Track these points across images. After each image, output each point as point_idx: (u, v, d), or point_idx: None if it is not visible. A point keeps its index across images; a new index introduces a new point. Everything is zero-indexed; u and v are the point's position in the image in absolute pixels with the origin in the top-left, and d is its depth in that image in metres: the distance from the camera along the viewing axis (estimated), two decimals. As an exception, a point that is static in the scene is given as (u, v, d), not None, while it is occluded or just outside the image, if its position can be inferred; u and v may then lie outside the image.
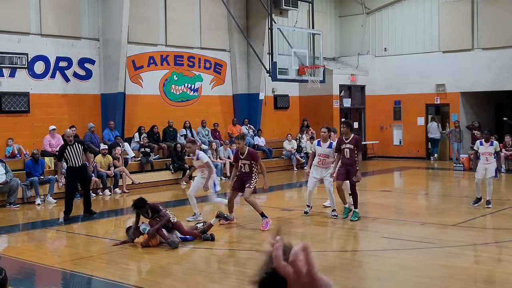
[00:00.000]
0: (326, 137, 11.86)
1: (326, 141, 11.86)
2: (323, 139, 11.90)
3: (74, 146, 12.69)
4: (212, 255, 9.37)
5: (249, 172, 10.97)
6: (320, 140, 11.96)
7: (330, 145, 11.76)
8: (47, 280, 8.34)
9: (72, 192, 13.17)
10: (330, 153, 11.72)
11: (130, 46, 19.00)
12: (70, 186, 13.08)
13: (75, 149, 12.68)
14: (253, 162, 11.01)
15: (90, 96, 18.52)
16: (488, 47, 23.13)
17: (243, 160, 10.98)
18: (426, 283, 7.55)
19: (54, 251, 10.34)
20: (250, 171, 10.98)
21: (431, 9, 24.80)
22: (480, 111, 24.80)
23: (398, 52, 25.74)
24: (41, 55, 17.35)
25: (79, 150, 12.73)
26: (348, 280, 7.87)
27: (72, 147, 12.67)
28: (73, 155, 12.64)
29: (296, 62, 19.85)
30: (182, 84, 21.19)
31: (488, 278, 7.73)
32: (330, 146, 11.75)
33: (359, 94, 26.31)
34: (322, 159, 11.78)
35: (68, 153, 12.64)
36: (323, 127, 12.10)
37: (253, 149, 11.66)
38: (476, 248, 9.22)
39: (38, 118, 17.24)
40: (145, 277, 8.24)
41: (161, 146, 19.33)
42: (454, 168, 21.49)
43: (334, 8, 27.29)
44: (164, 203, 15.46)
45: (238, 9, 22.37)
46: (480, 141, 12.90)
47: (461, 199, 15.14)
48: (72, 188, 13.17)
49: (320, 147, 11.82)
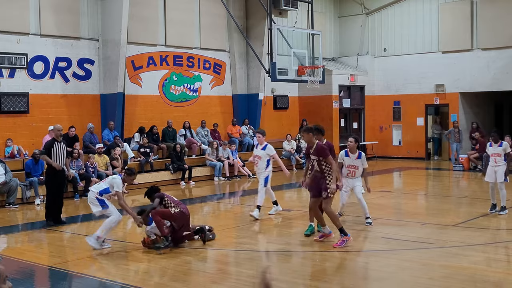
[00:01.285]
0: (353, 147, 11.06)
1: (354, 151, 11.09)
2: (350, 149, 11.08)
3: (61, 145, 12.12)
4: (212, 256, 9.37)
5: (320, 171, 9.48)
6: (348, 151, 11.13)
7: (360, 155, 11.08)
8: (47, 281, 8.33)
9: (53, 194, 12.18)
10: (359, 164, 11.08)
11: (129, 47, 19.01)
12: (52, 188, 12.16)
13: (62, 148, 12.10)
14: (322, 159, 9.44)
15: (89, 96, 18.52)
16: (487, 47, 23.15)
17: (312, 156, 9.56)
18: (425, 283, 7.56)
19: (53, 251, 10.34)
20: (321, 170, 9.47)
21: (430, 10, 24.82)
22: (480, 112, 24.83)
23: (398, 53, 25.77)
24: (41, 56, 17.34)
25: (64, 150, 12.15)
26: (348, 280, 7.87)
27: (59, 145, 12.08)
28: (59, 154, 12.02)
29: (296, 62, 19.85)
30: (182, 84, 21.19)
31: (487, 278, 7.73)
32: (360, 157, 11.07)
33: (359, 94, 26.33)
34: (352, 171, 11.14)
35: (55, 150, 11.99)
36: (351, 137, 11.14)
37: (324, 143, 9.76)
38: (475, 249, 9.22)
39: (38, 118, 17.24)
40: (145, 278, 8.24)
41: (160, 147, 19.33)
42: (454, 168, 21.51)
43: (333, 9, 27.31)
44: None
45: (237, 10, 22.38)
46: (490, 143, 12.42)
47: (461, 200, 15.16)
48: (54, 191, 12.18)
49: (349, 158, 11.08)
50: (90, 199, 9.84)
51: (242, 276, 8.15)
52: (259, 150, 12.35)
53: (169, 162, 18.81)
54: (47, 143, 12.40)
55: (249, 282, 7.83)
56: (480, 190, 16.18)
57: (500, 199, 12.22)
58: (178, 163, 18.71)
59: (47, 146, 12.12)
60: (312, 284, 7.66)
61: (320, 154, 9.38)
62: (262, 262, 8.94)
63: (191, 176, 18.79)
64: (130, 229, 12.10)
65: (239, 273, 8.32)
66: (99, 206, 9.74)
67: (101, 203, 9.73)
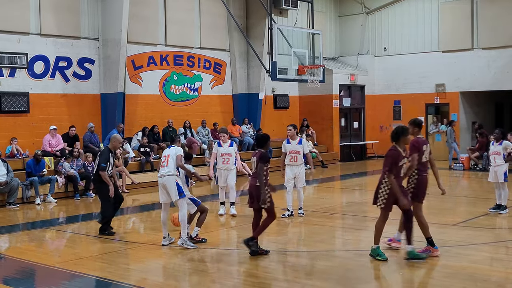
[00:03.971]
0: (293, 134, 12.33)
1: (294, 138, 12.38)
2: (290, 136, 12.33)
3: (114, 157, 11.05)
4: (213, 255, 9.37)
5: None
6: (289, 138, 12.34)
7: (300, 141, 12.32)
8: (47, 280, 8.33)
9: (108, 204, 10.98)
10: (301, 149, 12.20)
11: (129, 46, 19.00)
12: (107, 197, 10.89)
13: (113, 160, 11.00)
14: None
15: (89, 96, 18.52)
16: (487, 46, 23.14)
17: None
18: (426, 282, 7.56)
19: (54, 251, 10.34)
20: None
21: (430, 9, 24.81)
22: (480, 111, 24.82)
23: (398, 52, 25.76)
24: (41, 55, 17.34)
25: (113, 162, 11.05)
26: (348, 280, 7.87)
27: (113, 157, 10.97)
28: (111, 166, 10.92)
29: (296, 61, 19.85)
30: (182, 84, 21.19)
31: (487, 277, 7.73)
32: (300, 142, 12.28)
33: (359, 93, 26.32)
34: (294, 156, 12.22)
35: (110, 162, 10.83)
36: (289, 125, 12.46)
37: (414, 139, 8.97)
38: (475, 248, 9.22)
39: (38, 118, 17.24)
40: (146, 277, 8.24)
41: (161, 146, 19.33)
42: (454, 167, 21.50)
43: (333, 8, 27.30)
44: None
45: (237, 9, 22.38)
46: (492, 141, 12.40)
47: (461, 199, 15.15)
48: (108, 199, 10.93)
49: (290, 144, 12.25)
50: (170, 184, 9.60)
51: (242, 275, 8.15)
52: (227, 147, 12.46)
53: (169, 161, 18.76)
54: (103, 155, 10.79)
55: (249, 281, 7.82)
56: (480, 190, 16.17)
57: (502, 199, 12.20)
58: (179, 163, 18.67)
59: (106, 159, 10.67)
60: (313, 284, 7.65)
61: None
62: None
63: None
64: (130, 228, 12.12)
65: (239, 273, 8.32)
66: (176, 193, 9.61)
67: (180, 190, 9.66)
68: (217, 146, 12.55)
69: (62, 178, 15.69)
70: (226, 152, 12.39)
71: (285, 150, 12.30)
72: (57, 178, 15.48)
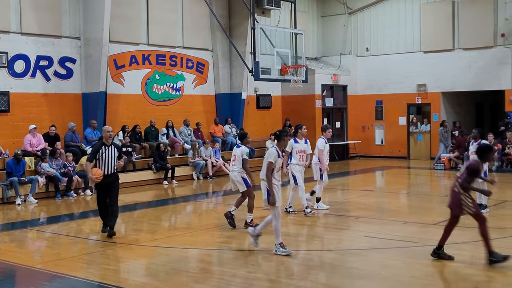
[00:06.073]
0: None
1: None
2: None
3: (111, 149, 10.36)
4: (195, 255, 9.35)
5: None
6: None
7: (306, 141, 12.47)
8: (27, 281, 8.25)
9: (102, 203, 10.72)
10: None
11: (111, 45, 18.88)
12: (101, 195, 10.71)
13: (111, 153, 10.35)
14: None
15: (71, 95, 18.37)
16: (468, 47, 23.37)
17: None
18: (407, 281, 7.60)
19: (35, 251, 10.24)
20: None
21: (412, 10, 25.00)
22: (461, 111, 25.06)
23: (380, 52, 25.91)
24: (21, 54, 17.17)
25: (114, 155, 10.39)
26: (331, 279, 7.89)
27: (109, 149, 10.34)
28: (107, 160, 10.30)
29: (279, 61, 19.87)
30: (164, 83, 21.11)
31: (468, 276, 7.80)
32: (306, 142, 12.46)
33: (341, 93, 26.43)
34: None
35: (102, 155, 10.29)
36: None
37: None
38: (456, 247, 9.29)
39: (18, 117, 17.07)
40: (127, 277, 8.19)
41: (143, 146, 19.24)
42: (435, 167, 21.66)
43: (316, 8, 27.38)
44: (147, 203, 15.43)
45: (220, 9, 22.34)
46: (472, 141, 12.49)
47: (442, 198, 15.26)
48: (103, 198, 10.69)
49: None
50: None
51: (225, 275, 8.13)
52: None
53: (151, 161, 18.72)
54: (94, 147, 10.65)
55: (231, 281, 7.81)
56: (461, 189, 16.30)
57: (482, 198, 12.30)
58: (161, 163, 18.63)
59: (94, 151, 10.39)
60: (295, 283, 7.66)
61: None
62: None
63: (174, 175, 18.72)
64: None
65: (222, 273, 8.31)
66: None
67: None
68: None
69: (43, 178, 15.54)
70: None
71: (290, 149, 12.20)
72: (38, 178, 15.33)
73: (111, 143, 10.42)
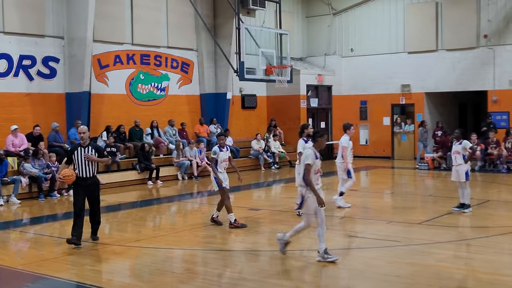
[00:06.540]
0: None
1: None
2: (221, 144, 11.47)
3: (87, 150, 9.84)
4: (179, 255, 9.32)
5: None
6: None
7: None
8: (10, 283, 8.17)
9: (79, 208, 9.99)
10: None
11: (95, 45, 18.77)
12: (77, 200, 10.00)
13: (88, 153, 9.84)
14: None
15: (54, 95, 18.23)
16: (452, 48, 23.55)
17: None
18: (392, 280, 7.64)
19: (17, 252, 10.15)
20: None
21: (396, 10, 25.13)
22: (444, 111, 25.24)
23: (365, 53, 26.01)
24: (4, 53, 17.02)
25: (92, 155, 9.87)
26: (315, 278, 7.91)
27: (85, 150, 9.83)
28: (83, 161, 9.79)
29: (264, 62, 19.89)
30: (149, 83, 21.03)
31: (451, 275, 7.86)
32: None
33: (326, 94, 26.51)
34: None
35: (77, 156, 9.80)
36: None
37: None
38: (440, 246, 9.36)
39: (1, 117, 16.91)
40: (111, 278, 8.14)
41: (127, 146, 19.15)
42: (419, 167, 21.80)
43: (301, 9, 27.43)
44: (131, 203, 15.36)
45: (205, 8, 22.30)
46: (454, 141, 12.56)
47: (426, 198, 15.38)
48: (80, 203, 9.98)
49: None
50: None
51: (209, 275, 8.12)
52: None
53: (136, 161, 18.64)
54: (70, 148, 10.41)
55: (216, 281, 7.80)
56: (444, 189, 16.43)
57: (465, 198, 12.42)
58: (146, 163, 18.56)
59: (69, 152, 10.10)
60: (280, 283, 7.67)
61: None
62: None
63: (158, 175, 18.66)
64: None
65: (206, 273, 8.29)
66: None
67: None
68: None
69: (26, 178, 15.41)
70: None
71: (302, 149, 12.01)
72: (21, 178, 15.19)
73: (88, 144, 9.86)
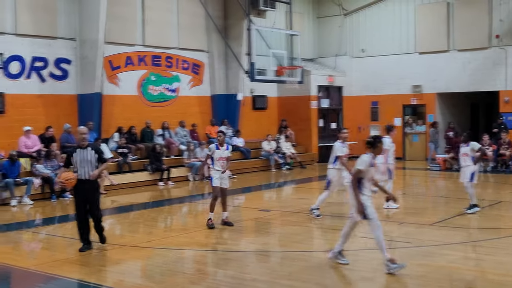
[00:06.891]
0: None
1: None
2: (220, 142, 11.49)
3: (86, 152, 9.49)
4: (191, 256, 9.35)
5: None
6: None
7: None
8: (23, 283, 8.24)
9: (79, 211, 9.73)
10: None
11: (107, 46, 18.86)
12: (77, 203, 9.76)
13: (86, 155, 9.47)
14: None
15: (66, 96, 18.34)
16: (463, 48, 23.44)
17: None
18: (403, 282, 7.62)
19: (30, 253, 10.23)
20: None
21: (407, 11, 25.06)
22: (456, 112, 25.12)
23: (375, 53, 25.94)
24: (17, 55, 17.14)
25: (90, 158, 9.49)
26: (327, 279, 7.91)
27: (83, 152, 9.48)
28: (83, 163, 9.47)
29: (274, 62, 19.90)
30: (160, 84, 21.10)
31: (462, 276, 7.83)
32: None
33: (337, 95, 26.46)
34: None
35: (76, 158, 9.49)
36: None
37: None
38: (451, 247, 9.33)
39: (14, 119, 17.03)
40: (122, 279, 8.19)
41: (138, 147, 19.23)
42: (431, 168, 21.71)
43: (312, 9, 27.41)
44: (143, 204, 15.43)
45: (216, 10, 22.34)
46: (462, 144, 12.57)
47: (437, 199, 15.33)
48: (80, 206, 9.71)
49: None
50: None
51: (220, 276, 8.14)
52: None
53: (147, 162, 18.71)
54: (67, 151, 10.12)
55: (227, 282, 7.82)
56: (456, 190, 16.34)
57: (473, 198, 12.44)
58: (157, 164, 18.62)
59: (66, 155, 9.89)
60: (291, 284, 7.67)
61: None
62: None
63: (169, 176, 18.72)
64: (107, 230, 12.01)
65: (217, 274, 8.31)
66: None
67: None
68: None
69: (38, 179, 15.52)
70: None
71: (342, 152, 12.44)
72: (33, 179, 15.31)
73: (87, 146, 9.55)
